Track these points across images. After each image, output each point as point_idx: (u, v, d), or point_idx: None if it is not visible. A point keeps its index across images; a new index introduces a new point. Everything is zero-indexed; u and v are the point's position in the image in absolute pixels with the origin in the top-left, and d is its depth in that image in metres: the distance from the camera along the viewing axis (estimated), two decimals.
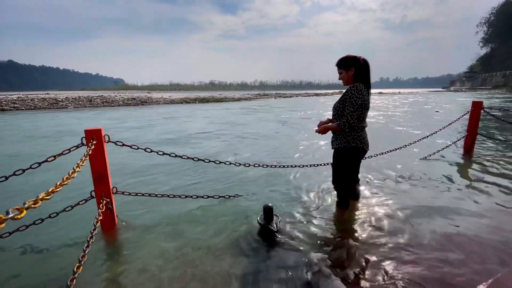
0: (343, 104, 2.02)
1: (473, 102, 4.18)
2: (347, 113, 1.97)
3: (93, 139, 1.85)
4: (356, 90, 1.95)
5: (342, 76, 2.06)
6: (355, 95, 1.94)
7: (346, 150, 2.09)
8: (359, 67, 1.99)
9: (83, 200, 2.05)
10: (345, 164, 2.16)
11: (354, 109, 1.94)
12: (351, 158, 2.13)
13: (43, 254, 1.88)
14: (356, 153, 2.10)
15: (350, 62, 2.00)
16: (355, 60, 1.99)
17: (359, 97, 1.93)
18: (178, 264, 1.72)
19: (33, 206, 1.03)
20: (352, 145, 2.05)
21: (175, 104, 20.75)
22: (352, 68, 1.99)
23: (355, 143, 2.04)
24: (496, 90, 41.58)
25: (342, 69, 2.04)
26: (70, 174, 1.39)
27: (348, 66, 2.00)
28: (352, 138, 2.04)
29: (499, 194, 2.70)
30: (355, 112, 1.95)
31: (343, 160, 2.15)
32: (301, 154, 4.57)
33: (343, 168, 2.18)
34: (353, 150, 2.07)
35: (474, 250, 1.80)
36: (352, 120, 1.95)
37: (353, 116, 1.95)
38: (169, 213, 2.42)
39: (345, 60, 2.02)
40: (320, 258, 1.49)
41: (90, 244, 1.44)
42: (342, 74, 2.05)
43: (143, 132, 7.31)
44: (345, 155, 2.12)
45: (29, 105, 16.66)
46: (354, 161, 2.17)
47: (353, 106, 1.94)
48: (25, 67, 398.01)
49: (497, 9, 71.29)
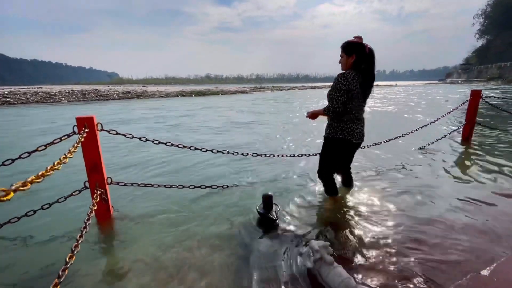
0: (331, 91, 1.97)
1: (472, 91, 4.16)
2: (332, 98, 1.93)
3: (85, 127, 1.78)
4: (343, 77, 1.89)
5: (342, 60, 1.98)
6: (341, 81, 1.89)
7: (332, 141, 2.07)
8: (362, 56, 1.90)
9: (77, 191, 2.00)
10: (330, 154, 2.14)
11: (339, 94, 1.89)
12: (337, 149, 2.09)
13: (35, 246, 1.82)
14: (343, 144, 2.04)
15: (354, 49, 1.91)
16: (360, 47, 1.90)
17: (344, 83, 1.87)
18: (175, 254, 1.68)
19: (21, 188, 0.96)
20: (340, 137, 2.01)
21: (170, 97, 20.49)
22: (354, 55, 1.91)
23: (342, 135, 2.00)
24: (492, 82, 41.80)
25: (344, 53, 1.95)
26: (61, 160, 1.32)
27: (351, 52, 1.92)
28: (340, 129, 2.00)
29: (496, 183, 2.69)
30: (340, 98, 1.89)
31: (328, 150, 2.14)
32: (302, 144, 4.53)
33: (327, 158, 2.17)
34: (339, 141, 2.03)
35: (473, 237, 1.78)
36: (337, 105, 1.90)
37: (338, 101, 1.90)
38: (166, 203, 2.37)
39: (349, 45, 1.93)
40: (321, 246, 1.45)
41: (83, 234, 1.38)
42: (342, 58, 1.97)
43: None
44: (331, 145, 2.11)
45: (22, 99, 16.32)
46: (341, 152, 2.12)
47: (339, 91, 1.89)
48: (16, 61, 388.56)
49: (493, 1, 71.04)
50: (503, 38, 61.83)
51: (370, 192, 2.48)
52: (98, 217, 2.07)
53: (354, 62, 1.92)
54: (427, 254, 1.61)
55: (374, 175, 2.93)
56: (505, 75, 46.20)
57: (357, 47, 1.91)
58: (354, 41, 1.93)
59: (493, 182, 2.69)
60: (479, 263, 1.52)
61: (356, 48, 1.91)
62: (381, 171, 3.04)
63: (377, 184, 2.67)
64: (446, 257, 1.58)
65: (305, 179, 2.85)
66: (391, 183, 2.69)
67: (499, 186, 2.60)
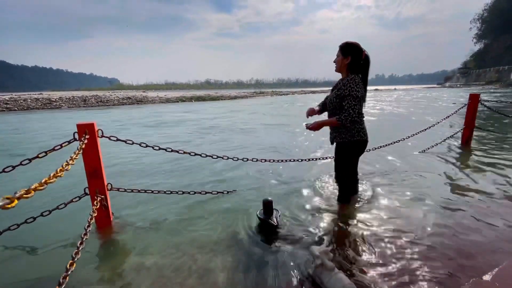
0: (340, 98, 1.95)
1: (471, 95, 4.19)
2: (348, 107, 1.89)
3: (86, 134, 1.79)
4: (354, 83, 1.89)
5: (337, 59, 1.99)
6: (355, 88, 1.88)
7: (351, 144, 2.03)
8: (357, 59, 1.92)
9: (77, 198, 1.99)
10: (350, 159, 2.12)
11: (356, 102, 1.88)
12: (355, 152, 2.08)
13: (36, 253, 1.81)
14: (360, 146, 2.06)
15: (351, 51, 1.93)
16: (357, 50, 1.92)
17: (358, 90, 1.88)
18: (176, 260, 1.67)
19: (25, 196, 0.97)
20: (357, 139, 2.00)
21: (171, 103, 20.57)
22: (349, 57, 1.93)
23: (359, 136, 2.00)
24: (490, 86, 41.99)
25: (341, 54, 1.97)
26: (63, 166, 1.33)
27: (347, 54, 1.94)
28: (356, 131, 2.00)
29: (495, 186, 2.69)
30: (356, 106, 1.88)
31: (348, 155, 2.09)
32: (301, 148, 4.53)
33: (348, 163, 2.13)
34: (357, 144, 2.03)
35: (475, 242, 1.78)
36: (355, 114, 1.89)
37: (355, 110, 1.88)
38: (167, 209, 2.36)
39: (347, 46, 1.94)
40: (322, 251, 1.45)
41: (84, 241, 1.38)
42: (338, 58, 1.98)
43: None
44: (350, 150, 2.06)
45: (22, 106, 16.38)
46: (358, 154, 2.12)
47: (354, 99, 1.88)
48: (17, 68, 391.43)
49: (490, 5, 71.84)
50: (500, 42, 62.36)
51: (371, 197, 2.47)
52: (98, 223, 2.07)
53: (348, 64, 1.94)
54: (429, 259, 1.60)
55: (376, 179, 2.93)
56: (503, 79, 46.46)
57: (355, 49, 1.92)
58: (353, 43, 1.94)
59: (493, 186, 2.69)
60: (481, 268, 1.51)
61: (354, 50, 1.92)
62: (382, 175, 3.04)
63: (379, 189, 2.66)
64: (448, 262, 1.57)
65: (306, 184, 2.85)
66: (393, 188, 2.69)
67: (499, 189, 2.60)
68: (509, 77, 44.92)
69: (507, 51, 57.91)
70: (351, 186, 2.24)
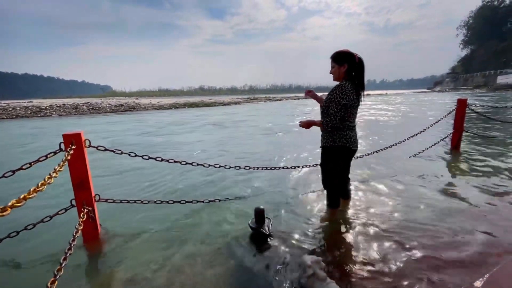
0: (328, 104, 1.99)
1: (458, 99, 4.27)
2: (330, 113, 1.94)
3: (72, 144, 1.75)
4: (341, 91, 1.91)
5: (333, 70, 2.01)
6: (339, 95, 1.91)
7: (332, 149, 2.06)
8: (353, 65, 1.94)
9: (63, 210, 1.93)
10: (332, 163, 2.13)
11: (337, 109, 1.91)
12: (337, 157, 2.09)
13: (18, 269, 1.74)
14: (343, 152, 2.06)
15: (345, 58, 1.95)
16: (350, 56, 1.94)
17: (343, 97, 1.90)
18: (166, 273, 1.62)
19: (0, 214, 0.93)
20: (338, 144, 2.02)
21: (164, 109, 20.45)
22: (345, 64, 1.95)
23: (341, 142, 2.02)
24: (477, 90, 43.17)
25: (335, 64, 1.98)
26: (45, 180, 1.29)
27: (342, 62, 1.96)
28: (338, 137, 2.01)
29: (484, 189, 2.73)
30: (338, 113, 1.92)
31: (330, 159, 2.13)
32: (291, 155, 4.53)
33: (331, 168, 2.16)
34: (339, 149, 2.04)
35: (465, 247, 1.78)
36: (335, 121, 1.93)
37: (336, 117, 1.92)
38: (157, 220, 2.31)
39: (340, 55, 1.96)
40: (314, 261, 1.43)
41: (67, 256, 1.33)
42: (334, 68, 2.00)
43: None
44: (331, 154, 2.10)
45: (11, 114, 16.05)
46: (342, 160, 2.13)
47: (337, 106, 1.91)
48: (6, 75, 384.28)
49: (475, 13, 74.40)
50: (486, 47, 64.39)
51: (364, 203, 2.47)
52: (85, 236, 2.00)
53: (346, 71, 1.96)
54: (421, 266, 1.59)
55: (368, 185, 2.93)
56: (489, 83, 47.83)
57: (347, 56, 1.95)
58: (344, 51, 1.97)
59: (482, 188, 2.73)
60: (472, 273, 1.51)
61: (347, 57, 1.95)
62: (375, 181, 3.05)
63: (371, 195, 2.67)
64: (439, 269, 1.57)
65: (297, 191, 2.83)
66: (386, 194, 2.69)
67: (488, 192, 2.64)
68: (495, 81, 46.29)
69: (492, 56, 59.82)
70: (337, 191, 2.25)
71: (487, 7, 70.26)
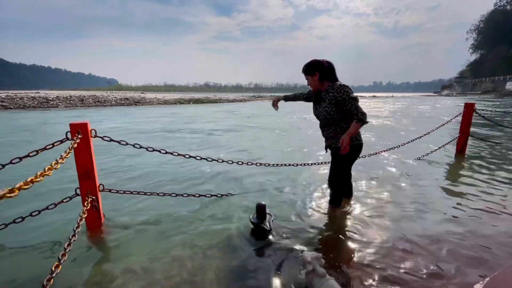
0: (340, 104, 1.93)
1: (465, 103, 4.23)
2: (355, 108, 1.87)
3: (78, 133, 1.77)
4: (346, 87, 1.91)
5: (309, 82, 2.07)
6: (348, 91, 1.91)
7: (350, 149, 2.01)
8: (323, 71, 1.98)
9: (67, 198, 1.96)
10: (347, 163, 2.14)
11: (355, 102, 1.89)
12: (353, 156, 2.10)
13: (22, 254, 1.78)
14: (359, 150, 2.09)
15: (314, 67, 2.00)
16: (318, 64, 1.98)
17: (348, 92, 1.90)
18: (166, 264, 1.64)
19: (8, 195, 0.95)
20: (356, 143, 2.03)
21: (169, 104, 20.55)
22: (316, 73, 1.99)
23: (357, 140, 2.04)
24: (486, 95, 42.56)
25: (308, 75, 2.04)
26: (52, 165, 1.31)
27: (312, 72, 2.00)
28: (355, 136, 2.01)
29: (488, 195, 2.70)
30: (358, 104, 1.90)
31: (347, 159, 2.10)
32: (295, 153, 4.53)
33: (345, 167, 2.16)
34: (356, 148, 2.06)
35: (466, 252, 1.77)
36: (363, 111, 1.89)
37: (361, 108, 1.90)
38: (159, 212, 2.34)
39: (309, 66, 2.02)
40: (314, 257, 1.43)
41: (71, 242, 1.36)
42: (308, 80, 2.06)
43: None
44: (349, 154, 2.04)
45: (18, 104, 16.25)
46: (355, 158, 2.14)
47: (353, 101, 1.89)
48: (15, 66, 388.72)
49: (486, 17, 73.13)
50: (496, 52, 63.35)
51: (366, 203, 2.47)
52: (89, 225, 2.03)
53: (319, 78, 1.99)
54: (422, 267, 1.59)
55: (371, 185, 2.93)
56: (498, 89, 47.08)
57: (315, 64, 1.99)
58: (311, 61, 2.02)
59: (486, 195, 2.70)
60: (472, 278, 1.51)
61: (315, 66, 1.99)
62: (378, 182, 3.04)
63: (374, 195, 2.67)
64: (440, 272, 1.56)
65: (299, 188, 2.84)
66: (388, 194, 2.69)
67: (491, 198, 2.61)
68: (504, 87, 45.57)
69: (502, 61, 58.86)
70: (343, 189, 2.28)
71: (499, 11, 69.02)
